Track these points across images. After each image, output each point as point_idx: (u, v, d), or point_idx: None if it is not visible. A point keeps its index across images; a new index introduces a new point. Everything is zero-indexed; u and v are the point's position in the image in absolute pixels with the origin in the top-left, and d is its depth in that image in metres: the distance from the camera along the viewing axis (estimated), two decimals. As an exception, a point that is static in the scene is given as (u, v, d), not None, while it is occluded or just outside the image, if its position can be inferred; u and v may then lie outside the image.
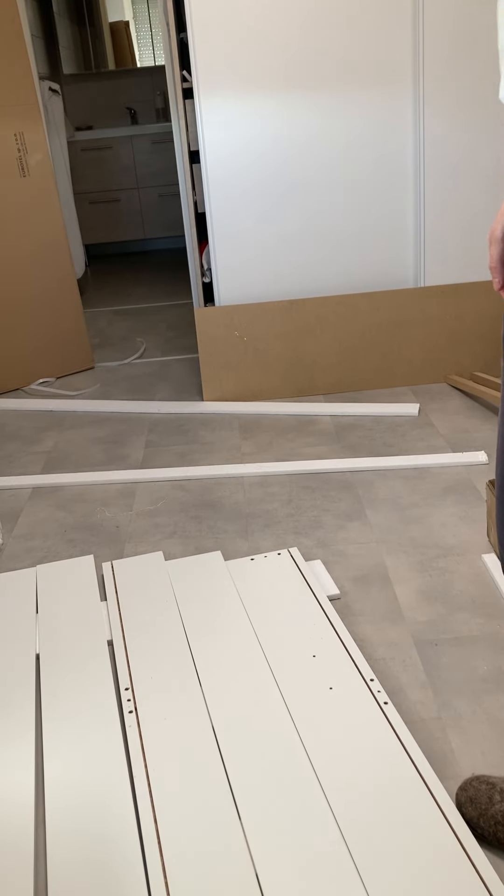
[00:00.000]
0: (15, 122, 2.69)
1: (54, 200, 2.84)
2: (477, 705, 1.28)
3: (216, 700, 1.29)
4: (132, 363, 3.13)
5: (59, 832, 1.09)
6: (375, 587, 1.59)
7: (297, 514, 1.89)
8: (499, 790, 1.08)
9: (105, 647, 1.45)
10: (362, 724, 1.22)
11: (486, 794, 1.09)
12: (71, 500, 2.06)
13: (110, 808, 1.12)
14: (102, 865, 1.03)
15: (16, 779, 1.19)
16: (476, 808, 1.08)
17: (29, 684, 1.38)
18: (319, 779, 1.13)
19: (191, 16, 2.22)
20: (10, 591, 1.65)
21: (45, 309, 2.90)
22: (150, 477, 2.13)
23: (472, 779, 1.11)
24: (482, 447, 2.14)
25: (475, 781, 1.11)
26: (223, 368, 2.59)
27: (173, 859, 1.03)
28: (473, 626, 1.46)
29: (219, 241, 2.49)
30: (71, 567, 1.72)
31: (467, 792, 1.10)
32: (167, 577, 1.65)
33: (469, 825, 1.08)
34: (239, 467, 2.14)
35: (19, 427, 2.57)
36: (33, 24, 4.31)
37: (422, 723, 1.25)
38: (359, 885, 0.98)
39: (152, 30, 4.93)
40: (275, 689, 1.30)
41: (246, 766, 1.16)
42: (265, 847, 1.04)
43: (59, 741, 1.25)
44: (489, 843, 1.06)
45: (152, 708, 1.29)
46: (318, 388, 2.62)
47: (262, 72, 2.30)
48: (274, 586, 1.58)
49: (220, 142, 2.37)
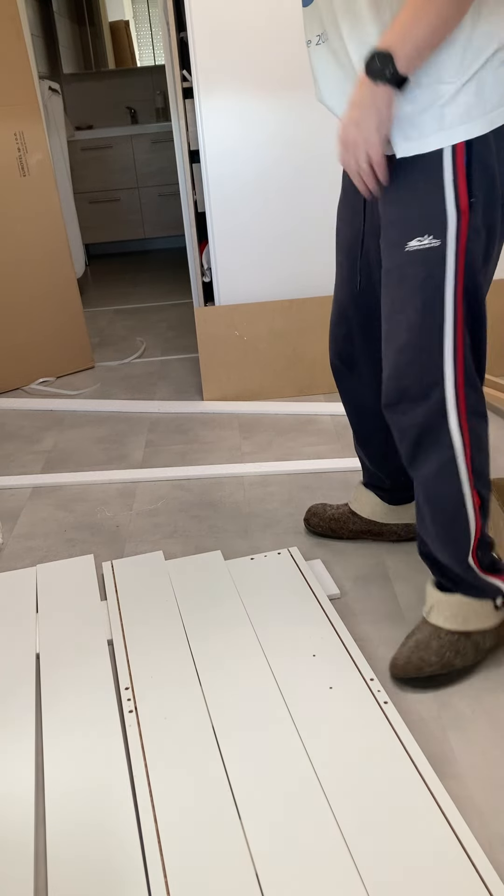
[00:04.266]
0: (15, 121, 2.69)
1: (54, 200, 2.84)
2: (477, 705, 1.28)
3: (216, 700, 1.29)
4: (132, 363, 3.13)
5: (59, 832, 1.09)
6: (375, 587, 1.59)
7: (298, 514, 1.89)
8: (330, 506, 1.77)
9: (105, 647, 1.45)
10: (362, 724, 1.22)
11: (321, 508, 1.78)
12: (71, 500, 2.06)
13: (110, 807, 1.12)
14: (102, 865, 1.03)
15: (16, 778, 1.19)
16: (317, 517, 1.76)
17: (29, 684, 1.38)
18: (319, 778, 1.13)
19: (191, 15, 2.22)
20: (10, 590, 1.65)
21: (45, 308, 2.90)
22: (150, 476, 2.13)
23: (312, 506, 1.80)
24: (482, 447, 2.14)
25: (314, 507, 1.79)
26: (223, 368, 2.59)
27: (173, 859, 1.03)
28: (473, 625, 1.46)
29: (219, 241, 2.49)
30: (71, 567, 1.72)
31: (310, 511, 1.78)
32: (167, 576, 1.65)
33: (314, 531, 1.77)
34: (239, 467, 2.14)
35: (19, 426, 2.57)
36: (33, 24, 4.31)
37: (422, 722, 1.25)
38: (359, 885, 0.98)
39: (152, 29, 4.92)
40: (275, 689, 1.30)
41: (246, 766, 1.16)
42: (265, 847, 1.04)
43: (59, 741, 1.25)
44: (326, 536, 1.76)
45: (152, 707, 1.29)
46: (319, 387, 2.62)
47: (263, 71, 2.30)
48: (274, 586, 1.58)
49: (220, 141, 2.37)
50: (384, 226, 1.21)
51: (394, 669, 1.32)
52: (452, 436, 1.20)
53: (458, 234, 1.13)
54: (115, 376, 2.99)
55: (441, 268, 1.15)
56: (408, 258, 1.16)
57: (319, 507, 1.78)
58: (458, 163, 1.10)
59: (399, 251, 1.17)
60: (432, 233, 1.13)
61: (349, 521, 1.72)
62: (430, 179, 1.12)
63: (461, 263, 1.14)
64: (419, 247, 1.15)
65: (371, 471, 1.64)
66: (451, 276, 1.14)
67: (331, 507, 1.77)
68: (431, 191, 1.12)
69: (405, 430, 1.24)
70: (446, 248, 1.14)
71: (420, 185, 1.13)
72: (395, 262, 1.19)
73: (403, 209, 1.16)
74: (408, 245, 1.16)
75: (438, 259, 1.14)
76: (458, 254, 1.13)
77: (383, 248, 1.22)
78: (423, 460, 1.24)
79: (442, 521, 1.26)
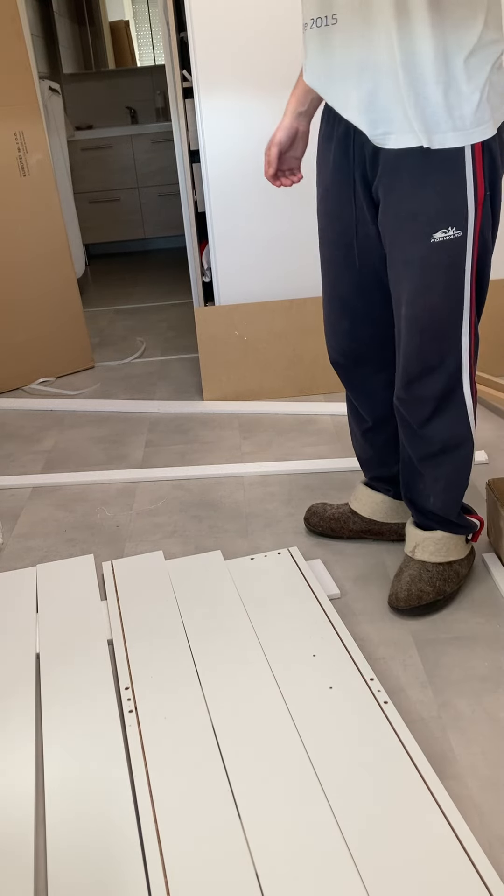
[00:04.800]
0: (15, 121, 2.69)
1: (54, 200, 2.84)
2: (477, 705, 1.28)
3: (216, 700, 1.29)
4: (132, 363, 3.13)
5: (59, 832, 1.09)
6: (375, 586, 1.59)
7: (298, 514, 1.89)
8: (330, 506, 1.78)
9: (105, 647, 1.45)
10: (362, 724, 1.22)
11: (321, 507, 1.78)
12: (71, 500, 2.06)
13: (110, 807, 1.12)
14: (102, 865, 1.03)
15: (16, 778, 1.19)
16: (317, 516, 1.77)
17: (29, 683, 1.38)
18: (319, 778, 1.13)
19: (191, 15, 2.22)
20: (10, 590, 1.65)
21: (46, 308, 2.90)
22: (150, 476, 2.13)
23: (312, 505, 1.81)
24: (482, 447, 2.14)
25: (314, 506, 1.79)
26: (223, 368, 2.59)
27: (173, 859, 1.03)
28: (473, 625, 1.46)
29: (219, 241, 2.49)
30: (71, 567, 1.72)
31: (310, 510, 1.79)
32: (167, 576, 1.65)
33: (314, 530, 1.77)
34: (239, 467, 2.14)
35: (19, 426, 2.57)
36: (33, 24, 4.31)
37: (422, 722, 1.25)
38: (359, 885, 0.98)
39: (152, 29, 4.93)
40: (275, 689, 1.30)
41: (246, 766, 1.16)
42: (265, 847, 1.04)
43: (59, 740, 1.25)
44: (326, 535, 1.76)
45: (152, 707, 1.29)
46: (319, 387, 2.62)
47: (263, 71, 2.30)
48: (274, 586, 1.58)
49: (220, 141, 2.37)
50: (400, 219, 1.27)
51: (396, 602, 1.49)
52: (465, 394, 1.38)
53: (475, 224, 1.24)
54: (115, 376, 2.99)
55: (462, 255, 1.26)
56: (433, 249, 1.25)
57: (319, 506, 1.79)
58: (478, 160, 1.20)
59: (423, 243, 1.26)
60: (455, 224, 1.24)
61: (349, 520, 1.72)
62: (454, 175, 1.21)
63: (476, 248, 1.27)
64: (444, 238, 1.24)
65: (378, 464, 1.64)
66: (469, 261, 1.27)
67: (331, 506, 1.77)
68: (454, 186, 1.21)
69: (426, 399, 1.38)
70: (466, 237, 1.25)
71: (443, 181, 1.21)
72: (418, 253, 1.27)
73: (426, 203, 1.23)
74: (433, 237, 1.25)
75: (460, 248, 1.25)
76: (474, 241, 1.27)
77: (400, 240, 1.28)
78: (442, 419, 1.39)
79: (452, 471, 1.44)
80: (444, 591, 1.50)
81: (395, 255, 1.30)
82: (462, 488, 1.48)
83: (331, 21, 1.18)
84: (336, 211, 1.38)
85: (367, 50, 1.16)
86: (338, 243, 1.41)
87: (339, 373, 1.57)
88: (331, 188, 1.37)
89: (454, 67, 1.14)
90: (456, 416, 1.39)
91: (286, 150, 1.45)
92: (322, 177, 1.39)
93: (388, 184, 1.25)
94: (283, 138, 1.43)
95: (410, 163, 1.21)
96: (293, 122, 1.42)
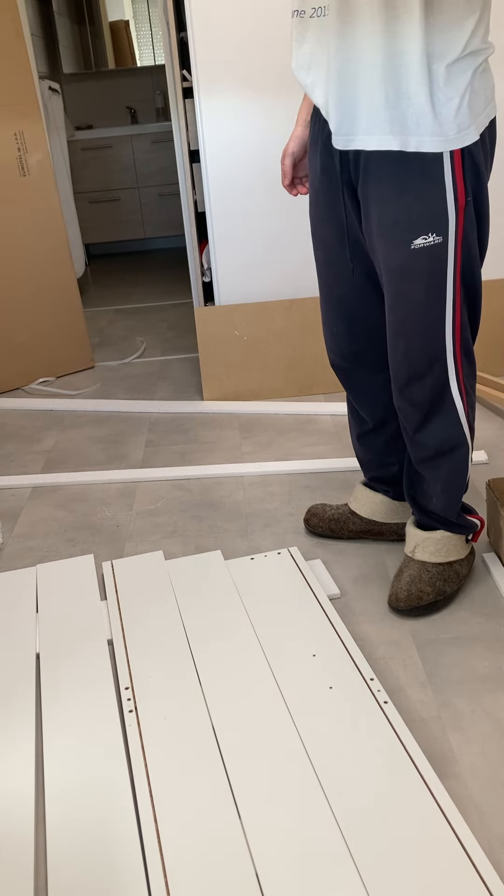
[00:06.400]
0: (15, 121, 2.69)
1: (54, 200, 2.84)
2: (477, 705, 1.28)
3: (216, 699, 1.29)
4: (132, 362, 3.13)
5: (59, 831, 1.09)
6: (375, 586, 1.59)
7: (298, 514, 1.89)
8: (329, 507, 1.77)
9: (105, 647, 1.45)
10: (362, 724, 1.22)
11: (321, 508, 1.78)
12: (71, 500, 2.06)
13: (110, 807, 1.12)
14: (102, 865, 1.03)
15: (16, 778, 1.19)
16: (317, 517, 1.77)
17: (29, 683, 1.38)
18: (319, 778, 1.13)
19: (191, 15, 2.22)
20: (10, 590, 1.65)
21: (46, 308, 2.90)
22: (150, 476, 2.13)
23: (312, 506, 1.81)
24: (482, 447, 2.14)
25: (313, 507, 1.79)
26: (223, 368, 2.59)
27: (173, 859, 1.03)
28: (473, 625, 1.46)
29: (219, 241, 2.49)
30: (71, 566, 1.72)
31: (310, 511, 1.78)
32: (167, 576, 1.65)
33: (314, 531, 1.77)
34: (239, 467, 2.14)
35: (19, 426, 2.57)
36: (33, 23, 4.31)
37: (422, 722, 1.25)
38: (359, 885, 0.98)
39: (152, 29, 4.92)
40: (275, 689, 1.30)
41: (246, 766, 1.16)
42: (265, 847, 1.04)
43: (59, 740, 1.25)
44: (326, 536, 1.76)
45: (152, 707, 1.29)
46: (319, 387, 2.62)
47: (263, 71, 2.30)
48: (274, 586, 1.58)
49: (220, 141, 2.37)
50: (381, 226, 1.26)
51: (397, 602, 1.50)
52: (455, 399, 1.38)
53: (456, 229, 1.23)
54: (115, 376, 2.99)
55: (443, 261, 1.25)
56: (413, 255, 1.25)
57: (319, 507, 1.79)
58: (457, 165, 1.19)
59: (403, 250, 1.25)
60: (436, 230, 1.23)
61: (349, 521, 1.72)
62: (432, 182, 1.20)
63: (459, 254, 1.26)
64: (424, 244, 1.23)
65: (377, 465, 1.64)
66: (451, 266, 1.26)
67: (330, 507, 1.77)
68: (433, 193, 1.20)
69: (419, 403, 1.39)
70: (448, 243, 1.23)
71: (421, 187, 1.20)
72: (399, 260, 1.26)
73: (405, 210, 1.22)
74: (413, 244, 1.24)
75: (441, 254, 1.24)
76: (457, 246, 1.24)
77: (381, 247, 1.28)
78: (434, 423, 1.40)
79: (449, 474, 1.44)
80: (444, 592, 1.50)
81: (379, 261, 1.31)
82: (461, 489, 1.48)
83: (318, 13, 1.18)
84: (326, 214, 1.38)
85: (352, 45, 1.15)
86: (330, 246, 1.41)
87: (338, 374, 1.57)
88: (319, 191, 1.37)
89: (435, 71, 1.13)
90: (447, 422, 1.40)
91: (300, 158, 1.46)
92: (311, 180, 1.39)
93: (368, 190, 1.26)
94: (296, 148, 1.44)
95: (390, 169, 1.21)
96: (304, 130, 1.43)
